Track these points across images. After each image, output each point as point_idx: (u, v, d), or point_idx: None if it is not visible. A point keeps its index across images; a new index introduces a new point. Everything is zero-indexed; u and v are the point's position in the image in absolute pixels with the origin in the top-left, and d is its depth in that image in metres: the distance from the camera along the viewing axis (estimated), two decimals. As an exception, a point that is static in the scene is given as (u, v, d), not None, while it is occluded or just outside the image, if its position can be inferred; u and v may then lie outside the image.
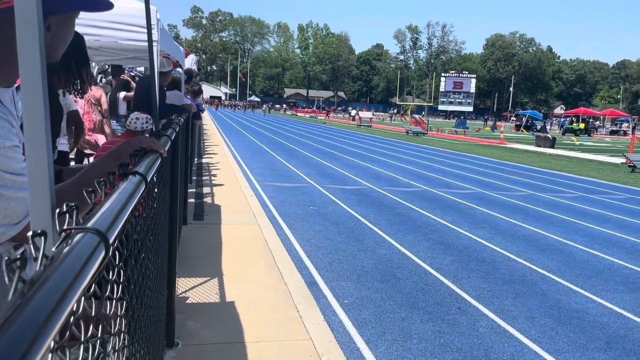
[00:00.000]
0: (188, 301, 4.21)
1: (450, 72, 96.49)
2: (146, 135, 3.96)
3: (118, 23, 4.91)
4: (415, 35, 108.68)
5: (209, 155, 14.89)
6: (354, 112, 61.18)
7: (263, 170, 12.68)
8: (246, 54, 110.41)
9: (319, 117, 62.99)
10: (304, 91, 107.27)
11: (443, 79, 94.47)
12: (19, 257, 0.48)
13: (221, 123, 35.73)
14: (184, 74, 9.16)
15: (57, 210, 0.68)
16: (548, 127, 53.49)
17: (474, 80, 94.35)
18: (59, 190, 0.80)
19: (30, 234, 0.59)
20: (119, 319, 1.08)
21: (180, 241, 5.42)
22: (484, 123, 63.83)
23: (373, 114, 68.80)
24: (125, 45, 5.23)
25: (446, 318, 4.33)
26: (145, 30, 4.48)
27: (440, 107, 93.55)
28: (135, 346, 1.45)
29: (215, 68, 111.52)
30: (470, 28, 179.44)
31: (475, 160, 18.95)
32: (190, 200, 7.84)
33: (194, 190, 8.86)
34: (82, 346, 0.71)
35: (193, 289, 4.46)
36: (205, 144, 18.00)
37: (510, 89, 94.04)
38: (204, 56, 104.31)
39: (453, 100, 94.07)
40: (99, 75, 8.79)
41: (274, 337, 3.67)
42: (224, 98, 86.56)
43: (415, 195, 10.21)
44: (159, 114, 4.88)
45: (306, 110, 79.13)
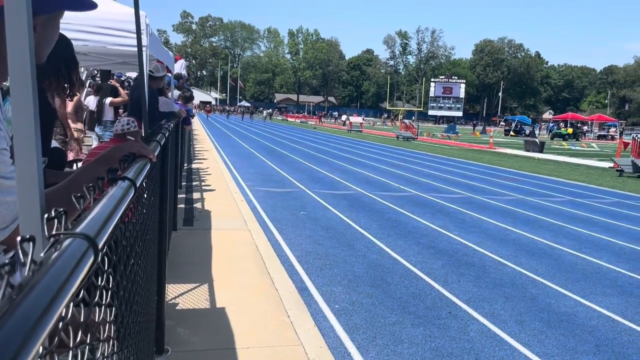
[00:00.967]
0: (178, 307, 4.18)
1: (440, 78, 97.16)
2: (130, 137, 3.94)
3: (107, 28, 4.88)
4: (404, 41, 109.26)
5: (199, 160, 14.84)
6: (344, 117, 61.25)
7: (253, 176, 12.66)
8: (236, 59, 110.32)
9: (309, 122, 63.01)
10: (294, 96, 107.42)
11: (433, 84, 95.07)
12: (7, 263, 0.48)
13: (214, 131, 35.60)
14: (174, 79, 9.13)
15: (46, 216, 0.67)
16: (537, 132, 53.98)
17: (463, 86, 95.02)
18: (46, 195, 0.79)
19: (19, 239, 0.58)
20: (108, 325, 1.07)
21: (170, 247, 5.39)
22: (473, 128, 64.30)
23: (363, 119, 68.94)
24: (114, 50, 5.20)
25: (437, 322, 4.34)
26: (134, 35, 4.47)
27: (430, 112, 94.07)
28: (125, 353, 1.44)
29: (205, 73, 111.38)
30: (460, 33, 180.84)
31: (465, 164, 19.06)
32: (180, 205, 7.81)
33: (184, 196, 8.83)
34: (71, 352, 0.70)
35: (183, 295, 4.43)
36: (195, 149, 17.94)
37: (499, 94, 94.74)
38: (194, 61, 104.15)
39: (443, 105, 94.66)
40: (88, 80, 8.75)
41: (265, 343, 3.66)
42: (214, 103, 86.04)
43: (405, 200, 10.24)
44: (153, 120, 4.86)
45: (297, 115, 78.75)
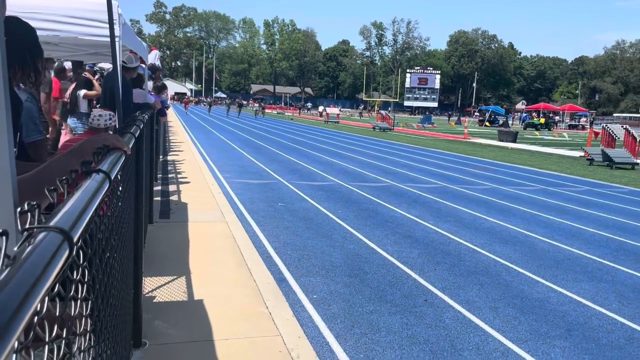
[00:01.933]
0: (155, 300, 4.15)
1: (415, 68, 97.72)
2: (110, 132, 3.88)
3: (78, 18, 4.78)
4: (380, 32, 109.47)
5: (174, 152, 14.67)
6: (321, 108, 61.18)
7: (230, 167, 12.58)
8: (211, 50, 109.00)
9: (286, 114, 62.75)
10: (270, 87, 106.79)
11: (408, 75, 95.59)
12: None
13: (191, 123, 35.18)
14: (148, 70, 8.98)
15: (19, 209, 0.66)
16: (510, 122, 54.86)
17: (438, 77, 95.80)
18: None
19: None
20: (84, 319, 1.06)
21: (146, 240, 5.33)
22: (448, 118, 64.96)
23: (340, 110, 68.98)
24: (86, 40, 5.09)
25: (413, 310, 4.40)
26: (106, 25, 4.39)
27: (406, 103, 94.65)
28: (102, 346, 1.43)
29: (180, 64, 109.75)
30: (435, 25, 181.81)
31: (440, 155, 19.26)
32: (156, 198, 7.72)
33: (160, 188, 8.73)
34: (47, 347, 0.70)
35: (160, 288, 4.40)
36: (170, 141, 17.73)
37: (474, 84, 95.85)
38: (168, 52, 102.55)
39: (418, 96, 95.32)
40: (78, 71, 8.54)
41: (243, 334, 3.66)
42: (189, 94, 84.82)
43: (382, 191, 10.31)
44: (127, 111, 4.79)
45: (274, 106, 78.17)
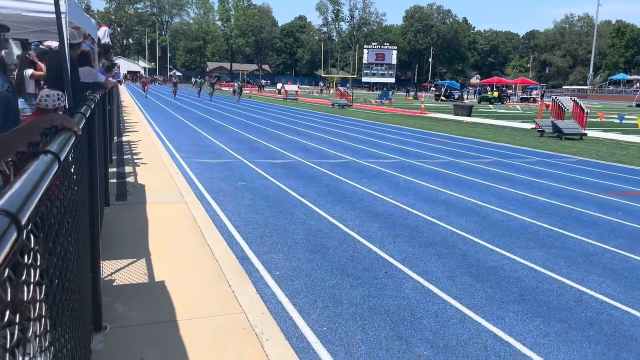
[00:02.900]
0: (115, 283, 4.09)
1: (372, 44, 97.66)
2: (59, 112, 3.74)
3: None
4: (337, 7, 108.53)
5: (129, 132, 14.30)
6: (279, 86, 60.59)
7: (188, 147, 12.37)
8: (164, 27, 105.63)
9: (244, 91, 61.81)
10: (227, 65, 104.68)
11: (365, 51, 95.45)
12: None
13: (144, 102, 34.22)
14: (101, 48, 8.65)
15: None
16: (465, 97, 55.92)
17: (395, 52, 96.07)
18: None
19: None
20: (38, 303, 1.05)
21: (103, 223, 5.22)
22: (406, 94, 65.56)
23: (299, 86, 68.50)
24: (31, 17, 4.85)
25: (374, 282, 4.50)
26: (51, 1, 4.19)
27: (364, 79, 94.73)
28: (59, 331, 1.41)
29: (132, 42, 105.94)
30: (391, 0, 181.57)
31: (398, 130, 19.49)
32: (112, 180, 7.54)
33: (115, 170, 8.52)
34: (-1, 331, 0.69)
35: (120, 271, 4.33)
36: (125, 121, 17.23)
37: (430, 60, 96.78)
38: (119, 29, 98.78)
39: (376, 72, 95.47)
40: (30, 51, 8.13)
41: (207, 314, 3.67)
42: (142, 73, 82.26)
43: (342, 167, 10.39)
44: (74, 91, 4.61)
45: (230, 84, 76.77)
